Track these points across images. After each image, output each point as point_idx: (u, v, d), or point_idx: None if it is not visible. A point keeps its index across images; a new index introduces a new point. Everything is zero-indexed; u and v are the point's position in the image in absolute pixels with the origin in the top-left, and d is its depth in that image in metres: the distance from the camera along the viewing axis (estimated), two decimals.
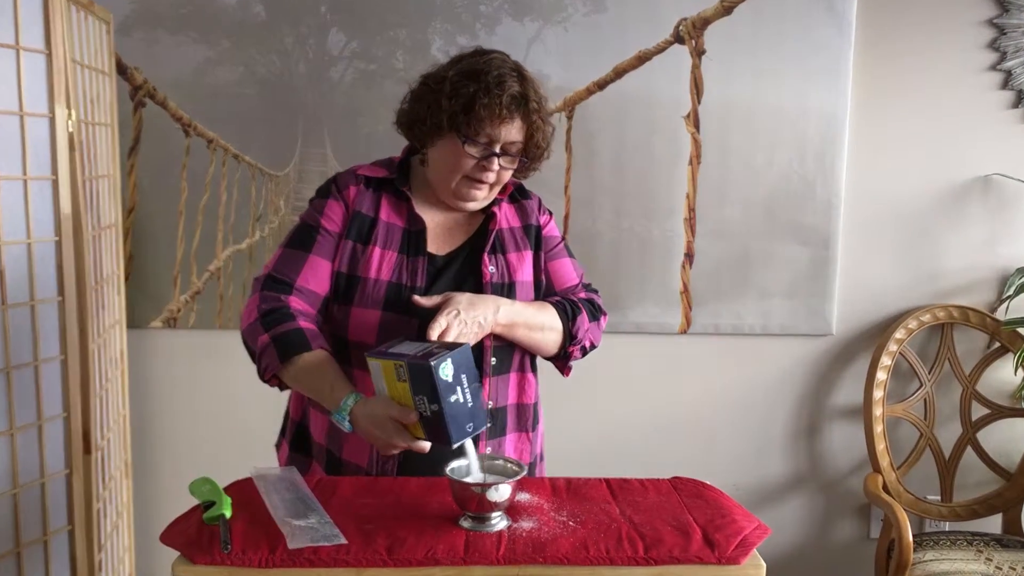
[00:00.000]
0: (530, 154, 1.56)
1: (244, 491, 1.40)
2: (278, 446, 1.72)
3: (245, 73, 2.48)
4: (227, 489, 1.39)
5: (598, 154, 2.51)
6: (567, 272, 1.70)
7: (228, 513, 1.30)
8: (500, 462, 1.38)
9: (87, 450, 1.98)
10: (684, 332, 2.62)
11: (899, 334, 2.58)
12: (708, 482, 1.51)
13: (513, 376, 1.61)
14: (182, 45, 2.46)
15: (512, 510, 1.33)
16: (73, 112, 1.90)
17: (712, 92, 2.51)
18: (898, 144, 2.58)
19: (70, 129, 1.89)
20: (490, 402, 1.56)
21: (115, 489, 2.26)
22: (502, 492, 1.28)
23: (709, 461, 2.68)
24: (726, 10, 2.47)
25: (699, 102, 2.51)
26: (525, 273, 1.62)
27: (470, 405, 1.32)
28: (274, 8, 2.46)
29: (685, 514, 1.36)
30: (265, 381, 1.54)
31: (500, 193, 1.65)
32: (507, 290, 1.57)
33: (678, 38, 2.48)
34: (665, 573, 1.22)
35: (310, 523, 1.29)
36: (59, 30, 1.85)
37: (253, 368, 2.70)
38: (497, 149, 1.52)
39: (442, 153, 1.56)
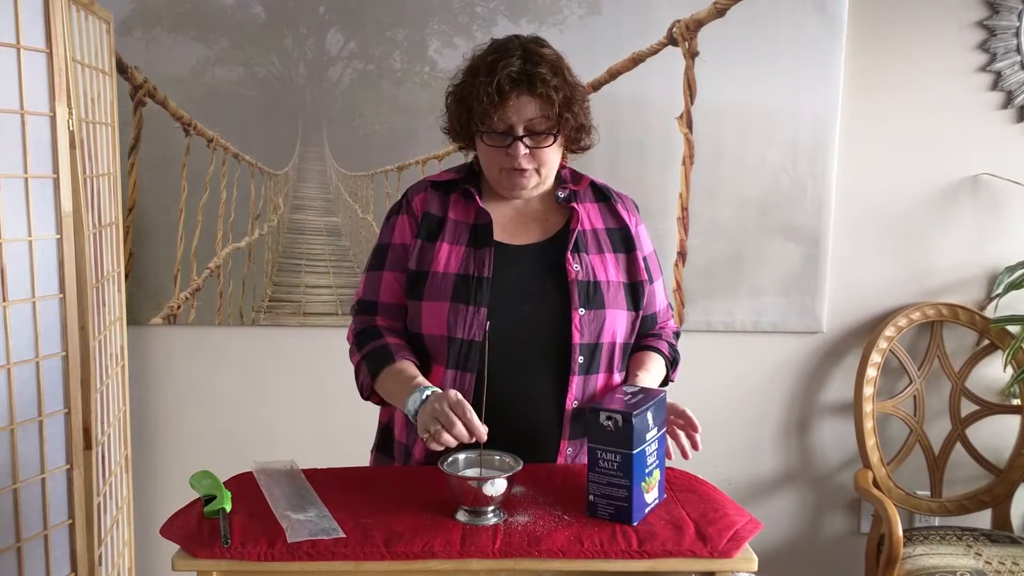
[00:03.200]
0: (564, 127, 1.53)
1: (244, 485, 1.42)
2: (372, 451, 1.75)
3: (245, 73, 2.50)
4: (227, 483, 1.41)
5: (592, 154, 2.46)
6: (659, 296, 1.71)
7: (228, 507, 1.31)
8: (496, 457, 1.40)
9: (87, 445, 1.99)
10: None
11: (889, 331, 2.60)
12: (700, 477, 1.53)
13: (601, 376, 1.58)
14: (182, 45, 2.47)
15: (508, 504, 1.35)
16: (74, 111, 1.90)
17: (705, 93, 2.53)
18: (889, 144, 2.60)
19: (71, 128, 1.90)
20: (575, 401, 1.55)
21: (115, 484, 2.27)
22: (498, 487, 1.30)
23: (701, 456, 2.68)
24: (719, 12, 2.49)
25: (692, 103, 2.53)
26: (611, 274, 1.58)
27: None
28: (273, 8, 2.47)
29: (678, 508, 1.37)
30: (366, 399, 1.60)
31: (576, 184, 1.64)
32: (592, 288, 1.55)
33: (672, 40, 2.50)
34: (658, 566, 1.24)
35: (309, 517, 1.30)
36: (60, 29, 1.86)
37: (251, 363, 2.74)
38: (519, 132, 1.50)
39: (480, 153, 1.58)
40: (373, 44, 2.49)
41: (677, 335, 1.75)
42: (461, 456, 1.39)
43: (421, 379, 1.49)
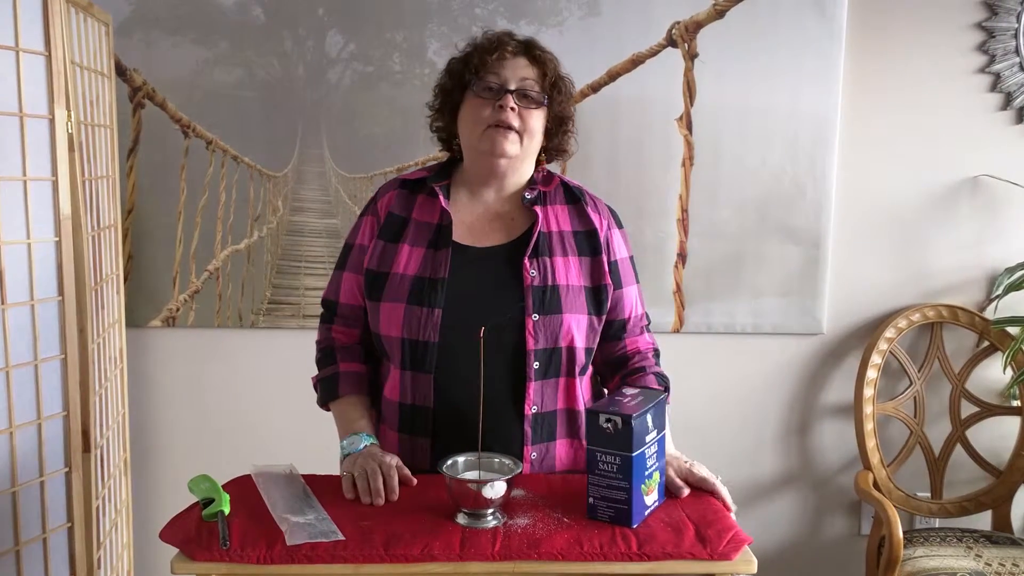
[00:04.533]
0: (554, 100, 1.58)
1: (243, 488, 1.42)
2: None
3: (244, 75, 2.49)
4: (226, 486, 1.41)
5: (592, 156, 2.52)
6: (630, 302, 1.67)
7: (227, 510, 1.32)
8: (496, 460, 1.40)
9: (86, 448, 1.99)
10: (677, 331, 2.64)
11: (889, 333, 2.60)
12: None
13: (561, 381, 1.57)
14: (181, 47, 2.47)
15: (507, 507, 1.35)
16: (73, 113, 1.91)
17: (705, 95, 2.53)
18: (888, 145, 2.60)
19: (70, 130, 1.90)
20: (534, 407, 1.55)
21: (114, 487, 2.27)
22: (497, 489, 1.30)
23: (702, 459, 2.68)
24: (719, 14, 2.49)
25: (692, 104, 2.53)
26: (571, 278, 1.57)
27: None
28: (272, 10, 2.47)
29: (677, 511, 1.38)
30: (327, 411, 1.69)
31: (546, 185, 1.64)
32: (549, 293, 1.54)
33: (671, 41, 2.50)
34: (658, 568, 1.24)
35: (308, 519, 1.30)
36: (59, 32, 1.86)
37: (251, 365, 2.74)
38: (511, 87, 1.54)
39: (463, 118, 1.59)
40: (372, 46, 2.49)
41: (657, 353, 1.71)
42: (460, 459, 1.39)
43: (362, 423, 1.57)
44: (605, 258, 1.62)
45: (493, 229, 1.61)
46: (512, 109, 1.53)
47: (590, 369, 1.66)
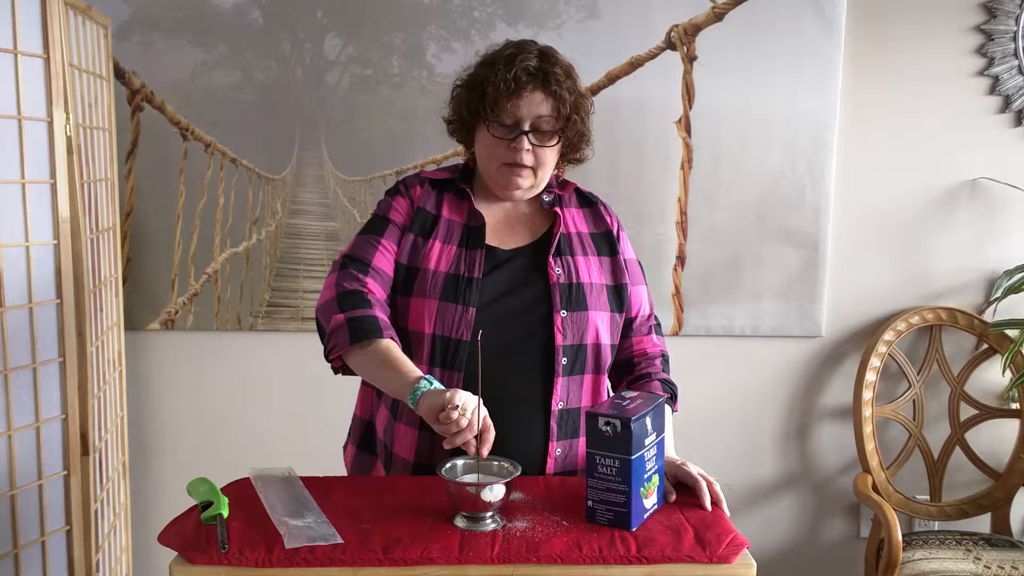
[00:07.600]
0: (569, 131, 1.56)
1: (241, 491, 1.42)
2: (344, 448, 1.75)
3: (242, 77, 2.49)
4: (224, 489, 1.40)
5: (591, 158, 2.52)
6: (638, 302, 1.69)
7: (225, 513, 1.31)
8: (495, 463, 1.39)
9: (85, 451, 1.99)
10: (676, 334, 2.64)
11: (888, 336, 2.60)
12: None
13: (588, 378, 1.59)
14: (179, 49, 2.47)
15: (506, 510, 1.35)
16: (71, 116, 1.91)
17: (703, 97, 2.53)
18: (887, 148, 2.60)
19: (68, 133, 1.90)
20: (560, 402, 1.56)
21: (113, 490, 2.26)
22: (496, 492, 1.30)
23: (701, 461, 2.64)
24: (717, 17, 2.49)
25: (691, 107, 2.53)
26: (594, 276, 1.60)
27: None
28: (271, 13, 2.47)
29: (677, 513, 1.37)
30: (330, 361, 1.54)
31: (561, 189, 1.66)
32: (574, 291, 1.57)
33: (670, 44, 2.50)
34: (657, 572, 1.24)
35: (307, 523, 1.30)
36: (57, 34, 1.86)
37: (249, 368, 2.73)
38: (525, 127, 1.52)
39: (479, 145, 1.59)
40: (371, 48, 2.49)
41: (666, 359, 1.72)
42: (460, 462, 1.39)
43: (417, 369, 1.44)
44: (621, 257, 1.65)
45: (516, 232, 1.63)
46: (527, 150, 1.53)
47: None
